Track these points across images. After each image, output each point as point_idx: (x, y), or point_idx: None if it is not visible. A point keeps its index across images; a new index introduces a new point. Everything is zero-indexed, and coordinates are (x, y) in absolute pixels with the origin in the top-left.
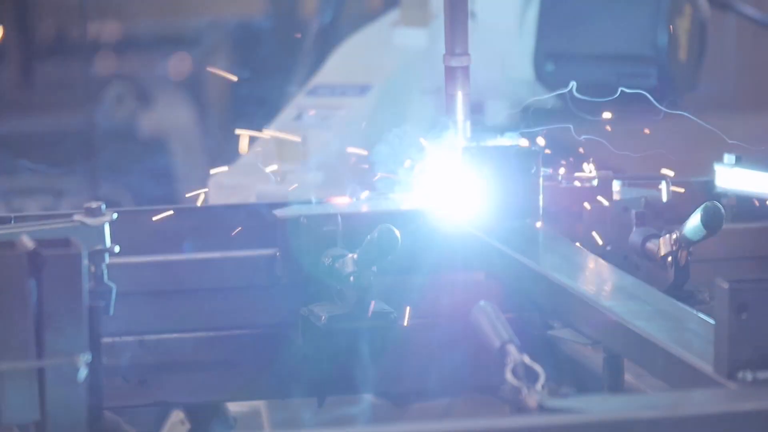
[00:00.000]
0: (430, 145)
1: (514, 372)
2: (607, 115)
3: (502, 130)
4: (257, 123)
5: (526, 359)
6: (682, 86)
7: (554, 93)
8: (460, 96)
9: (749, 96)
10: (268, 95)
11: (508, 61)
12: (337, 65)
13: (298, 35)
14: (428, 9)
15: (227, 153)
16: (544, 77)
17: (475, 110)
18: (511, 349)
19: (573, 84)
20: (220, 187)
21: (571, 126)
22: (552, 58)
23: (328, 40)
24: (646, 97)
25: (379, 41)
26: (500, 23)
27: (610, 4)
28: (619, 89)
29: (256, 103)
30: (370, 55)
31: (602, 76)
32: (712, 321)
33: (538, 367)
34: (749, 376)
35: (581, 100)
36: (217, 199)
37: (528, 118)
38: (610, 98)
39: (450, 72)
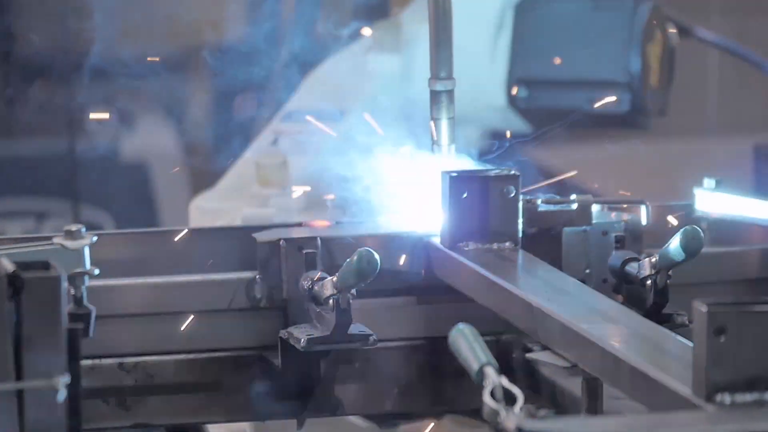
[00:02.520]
0: (409, 168)
1: (492, 394)
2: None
3: (476, 156)
4: (238, 147)
5: (505, 382)
6: (654, 111)
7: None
8: (445, 120)
9: (731, 119)
10: (248, 119)
11: (479, 87)
12: (311, 91)
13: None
14: (401, 35)
15: (208, 177)
16: (516, 103)
17: None
18: (490, 371)
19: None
20: (202, 211)
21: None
22: (524, 83)
23: (300, 65)
24: (617, 121)
25: (352, 67)
26: (472, 49)
27: (582, 30)
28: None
29: (237, 128)
30: (344, 81)
31: (575, 102)
32: (690, 344)
33: (516, 390)
34: (728, 399)
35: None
36: (199, 223)
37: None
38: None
39: (435, 96)
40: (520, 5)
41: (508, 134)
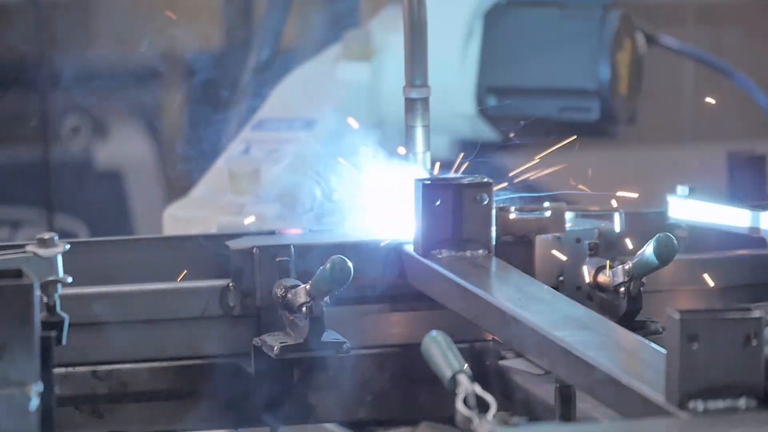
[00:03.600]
0: (382, 175)
1: (465, 402)
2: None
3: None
4: (211, 156)
5: (478, 389)
6: (623, 119)
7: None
8: (420, 127)
9: (706, 127)
10: (221, 128)
11: (449, 96)
12: (281, 100)
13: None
14: (371, 44)
15: (183, 185)
16: (485, 111)
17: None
18: (463, 379)
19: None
20: (176, 219)
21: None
22: (494, 92)
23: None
24: (587, 129)
25: (321, 76)
26: (442, 57)
27: (551, 39)
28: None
29: (211, 136)
30: (314, 90)
31: (544, 110)
32: (663, 351)
33: (489, 397)
34: (700, 406)
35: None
36: (173, 231)
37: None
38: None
39: (410, 104)
40: (490, 14)
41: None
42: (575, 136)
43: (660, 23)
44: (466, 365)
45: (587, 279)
